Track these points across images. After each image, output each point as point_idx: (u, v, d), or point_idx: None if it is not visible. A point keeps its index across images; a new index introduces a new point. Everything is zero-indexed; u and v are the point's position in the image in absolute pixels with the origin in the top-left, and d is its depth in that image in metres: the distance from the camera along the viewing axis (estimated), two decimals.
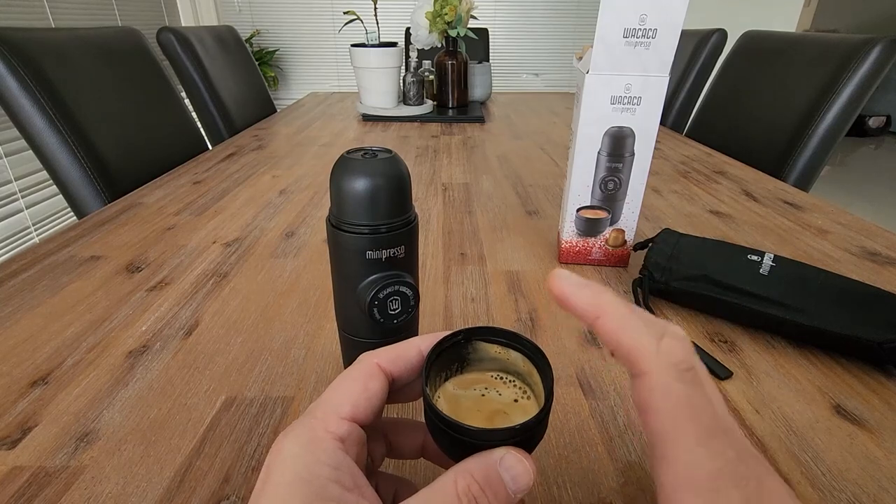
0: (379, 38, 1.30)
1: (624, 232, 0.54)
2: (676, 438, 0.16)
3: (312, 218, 0.69)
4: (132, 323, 0.45)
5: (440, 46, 1.37)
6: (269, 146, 1.08)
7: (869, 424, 0.34)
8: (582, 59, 0.51)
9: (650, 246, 0.49)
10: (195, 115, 1.29)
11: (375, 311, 0.30)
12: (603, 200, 0.52)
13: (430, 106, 1.39)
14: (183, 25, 2.01)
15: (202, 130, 1.28)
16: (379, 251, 0.30)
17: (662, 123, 1.46)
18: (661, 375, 0.17)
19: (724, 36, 1.40)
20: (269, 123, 1.33)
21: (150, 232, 0.64)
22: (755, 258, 0.45)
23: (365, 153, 0.29)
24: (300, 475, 0.17)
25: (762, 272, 0.44)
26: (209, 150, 1.12)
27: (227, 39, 1.49)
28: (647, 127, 0.48)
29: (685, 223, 0.68)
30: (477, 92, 1.55)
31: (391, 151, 0.30)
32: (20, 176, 1.74)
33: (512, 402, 0.21)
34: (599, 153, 0.50)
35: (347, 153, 0.30)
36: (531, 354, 0.21)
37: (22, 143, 1.66)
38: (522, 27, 3.17)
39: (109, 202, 0.83)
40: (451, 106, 1.44)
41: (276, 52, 3.19)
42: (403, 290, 0.31)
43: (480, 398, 0.21)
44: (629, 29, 0.44)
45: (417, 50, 1.38)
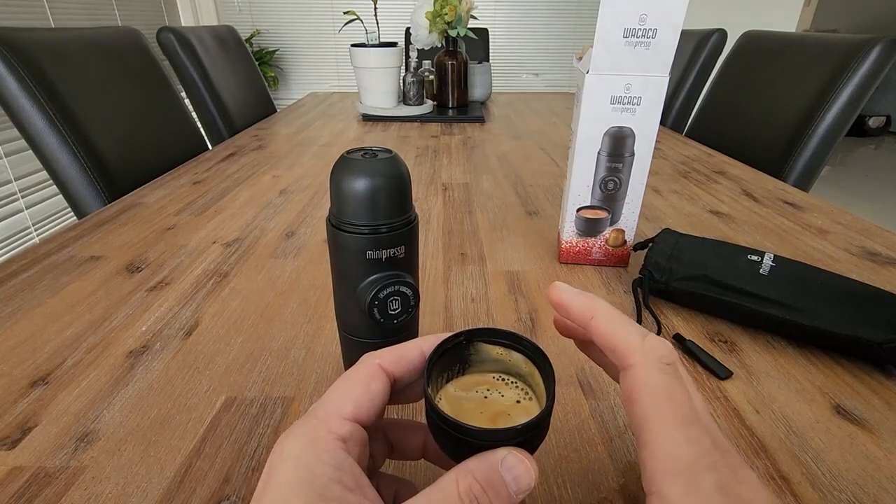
0: (379, 38, 1.30)
1: (624, 232, 0.54)
2: (657, 425, 0.17)
3: (312, 218, 0.69)
4: (132, 323, 0.45)
5: (440, 46, 1.37)
6: (269, 146, 1.08)
7: (869, 424, 0.34)
8: (582, 59, 0.51)
9: (650, 246, 0.49)
10: (195, 115, 1.29)
11: (375, 311, 0.30)
12: (603, 200, 0.52)
13: (430, 106, 1.39)
14: (183, 25, 2.01)
15: (202, 130, 1.28)
16: (379, 251, 0.30)
17: (662, 123, 1.45)
18: (645, 368, 0.18)
19: (723, 36, 1.40)
20: (269, 123, 1.33)
21: (150, 232, 0.64)
22: (755, 258, 0.45)
23: (365, 153, 0.29)
24: (302, 475, 0.17)
25: (762, 272, 0.43)
26: (209, 150, 1.12)
27: (227, 39, 1.49)
28: (647, 127, 0.48)
29: (685, 223, 0.68)
30: (477, 92, 1.55)
31: (391, 151, 0.30)
32: (20, 176, 1.74)
33: (514, 403, 0.21)
34: (599, 153, 0.50)
35: (347, 153, 0.30)
36: (533, 355, 0.21)
37: (22, 143, 1.66)
38: (522, 27, 3.17)
39: (109, 202, 0.83)
40: (451, 106, 1.44)
41: (276, 52, 3.19)
42: (403, 290, 0.31)
43: (483, 400, 0.21)
44: (629, 29, 0.44)
45: (417, 50, 1.39)
